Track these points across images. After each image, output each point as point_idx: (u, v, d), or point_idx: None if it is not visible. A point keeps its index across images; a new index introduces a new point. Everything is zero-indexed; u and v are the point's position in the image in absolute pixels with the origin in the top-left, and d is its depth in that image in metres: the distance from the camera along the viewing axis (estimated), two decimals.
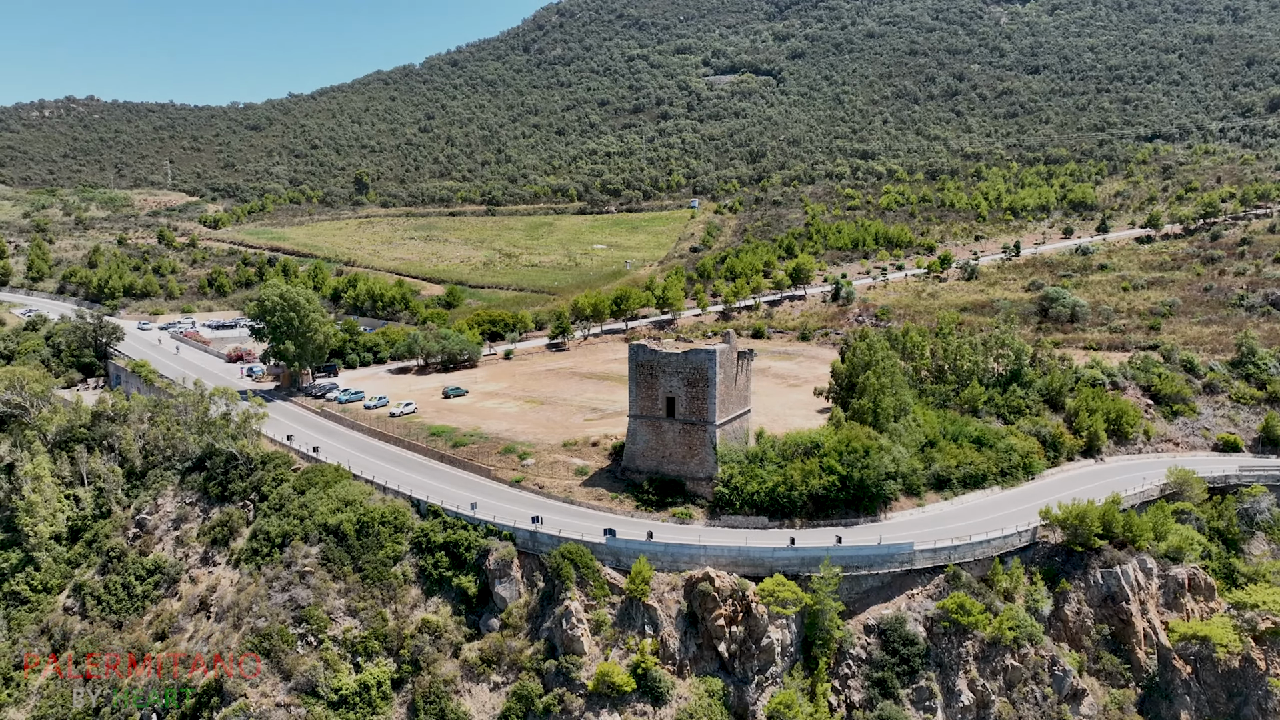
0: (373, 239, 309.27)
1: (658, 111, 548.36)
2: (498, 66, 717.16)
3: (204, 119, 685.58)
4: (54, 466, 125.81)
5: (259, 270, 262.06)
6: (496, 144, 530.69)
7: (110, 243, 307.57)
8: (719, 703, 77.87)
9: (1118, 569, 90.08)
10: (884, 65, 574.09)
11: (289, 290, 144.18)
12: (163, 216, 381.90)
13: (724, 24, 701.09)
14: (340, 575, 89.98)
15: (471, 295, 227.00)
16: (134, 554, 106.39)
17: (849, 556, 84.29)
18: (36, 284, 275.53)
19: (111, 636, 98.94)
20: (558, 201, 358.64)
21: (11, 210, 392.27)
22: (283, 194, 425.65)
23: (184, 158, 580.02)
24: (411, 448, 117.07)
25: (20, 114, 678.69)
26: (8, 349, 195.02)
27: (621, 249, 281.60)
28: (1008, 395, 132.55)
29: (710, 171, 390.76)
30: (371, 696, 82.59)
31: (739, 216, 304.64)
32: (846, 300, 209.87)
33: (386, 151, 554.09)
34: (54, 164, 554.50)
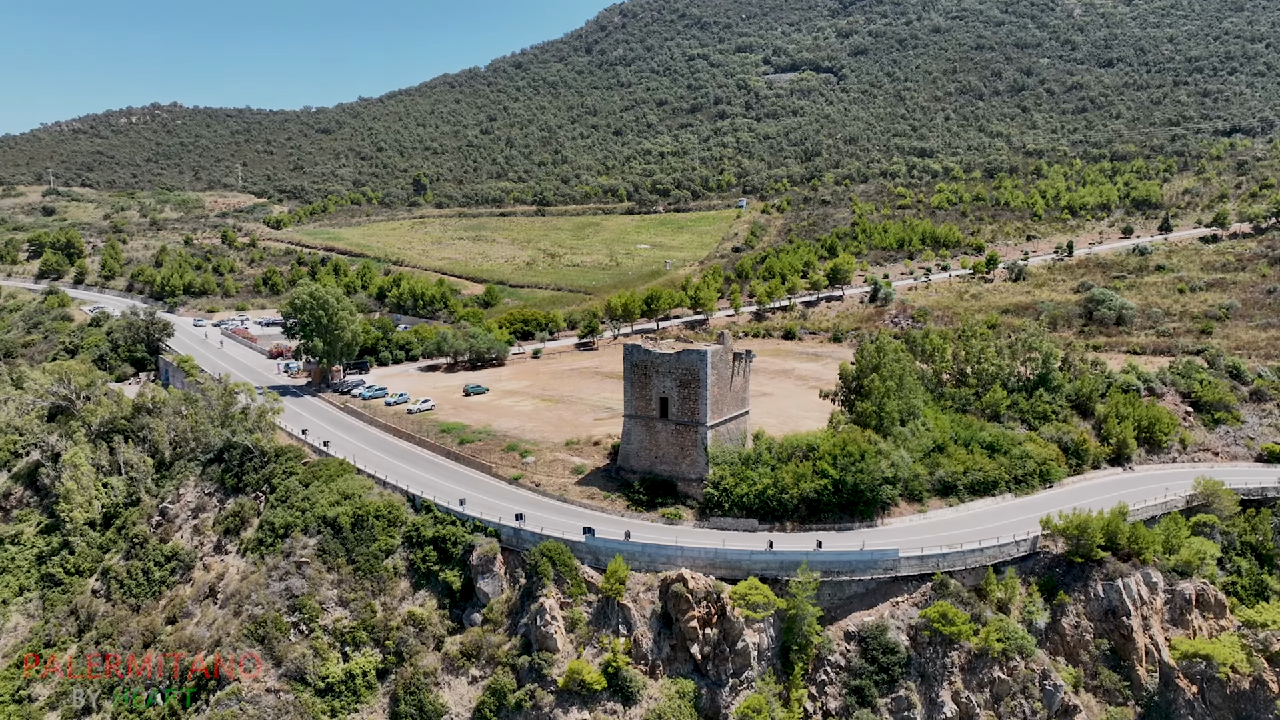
0: (423, 239, 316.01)
1: (715, 111, 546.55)
2: (560, 68, 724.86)
3: (278, 123, 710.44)
4: (94, 456, 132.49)
5: (312, 269, 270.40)
6: (554, 145, 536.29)
7: (177, 243, 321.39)
8: (689, 704, 77.66)
9: (1119, 582, 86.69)
10: (948, 61, 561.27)
11: (318, 289, 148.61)
12: (230, 217, 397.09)
13: (786, 21, 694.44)
14: (335, 566, 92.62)
15: (511, 294, 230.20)
16: (154, 541, 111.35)
17: (829, 562, 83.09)
18: (108, 282, 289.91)
19: (130, 619, 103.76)
20: (607, 202, 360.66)
21: (94, 212, 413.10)
22: (345, 195, 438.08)
23: (257, 161, 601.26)
24: (422, 444, 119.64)
25: (110, 121, 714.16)
26: (72, 344, 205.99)
27: (665, 249, 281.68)
28: (1033, 400, 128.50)
29: (762, 171, 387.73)
30: (356, 685, 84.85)
31: (785, 216, 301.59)
32: (884, 301, 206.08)
33: (448, 153, 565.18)
34: (138, 168, 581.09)
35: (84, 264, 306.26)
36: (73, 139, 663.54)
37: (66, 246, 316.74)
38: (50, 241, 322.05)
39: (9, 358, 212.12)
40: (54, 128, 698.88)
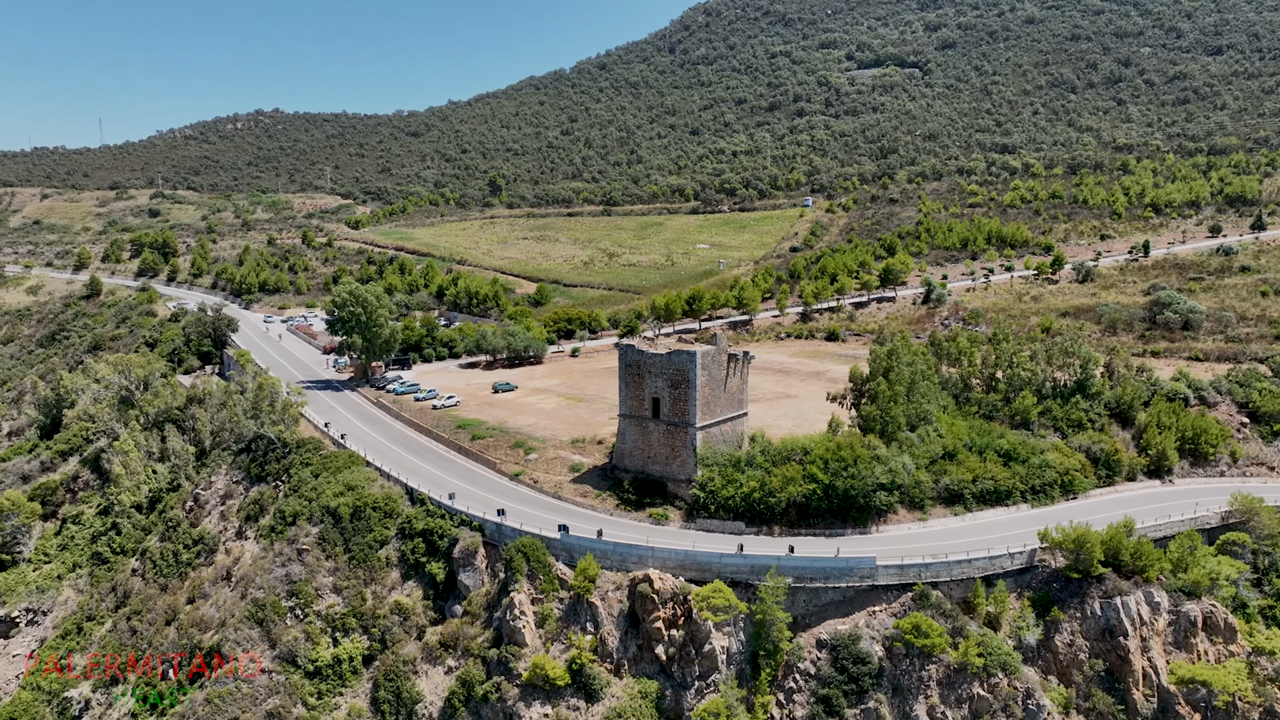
0: (489, 239, 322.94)
1: (794, 108, 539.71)
2: (643, 68, 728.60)
3: (370, 127, 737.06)
4: (146, 443, 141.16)
5: (380, 268, 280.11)
6: (631, 145, 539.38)
7: (261, 243, 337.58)
8: (651, 705, 77.70)
9: (1118, 600, 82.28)
10: (1041, 53, 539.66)
11: (357, 289, 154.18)
12: (315, 218, 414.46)
13: (873, 16, 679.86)
14: (333, 555, 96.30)
15: (563, 293, 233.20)
16: (185, 525, 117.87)
17: (801, 568, 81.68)
18: (196, 280, 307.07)
19: (158, 598, 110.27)
20: (673, 201, 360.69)
21: (194, 214, 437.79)
22: (424, 196, 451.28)
23: (349, 163, 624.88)
24: (437, 438, 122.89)
25: (218, 127, 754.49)
26: (152, 338, 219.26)
27: (724, 249, 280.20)
28: (1068, 408, 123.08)
29: (833, 169, 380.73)
30: (343, 670, 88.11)
31: (850, 215, 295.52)
32: (938, 302, 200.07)
33: (528, 154, 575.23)
34: (239, 171, 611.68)
35: (176, 263, 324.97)
36: (184, 144, 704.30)
37: (162, 246, 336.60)
38: (149, 242, 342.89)
39: (97, 350, 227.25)
40: (168, 134, 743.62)
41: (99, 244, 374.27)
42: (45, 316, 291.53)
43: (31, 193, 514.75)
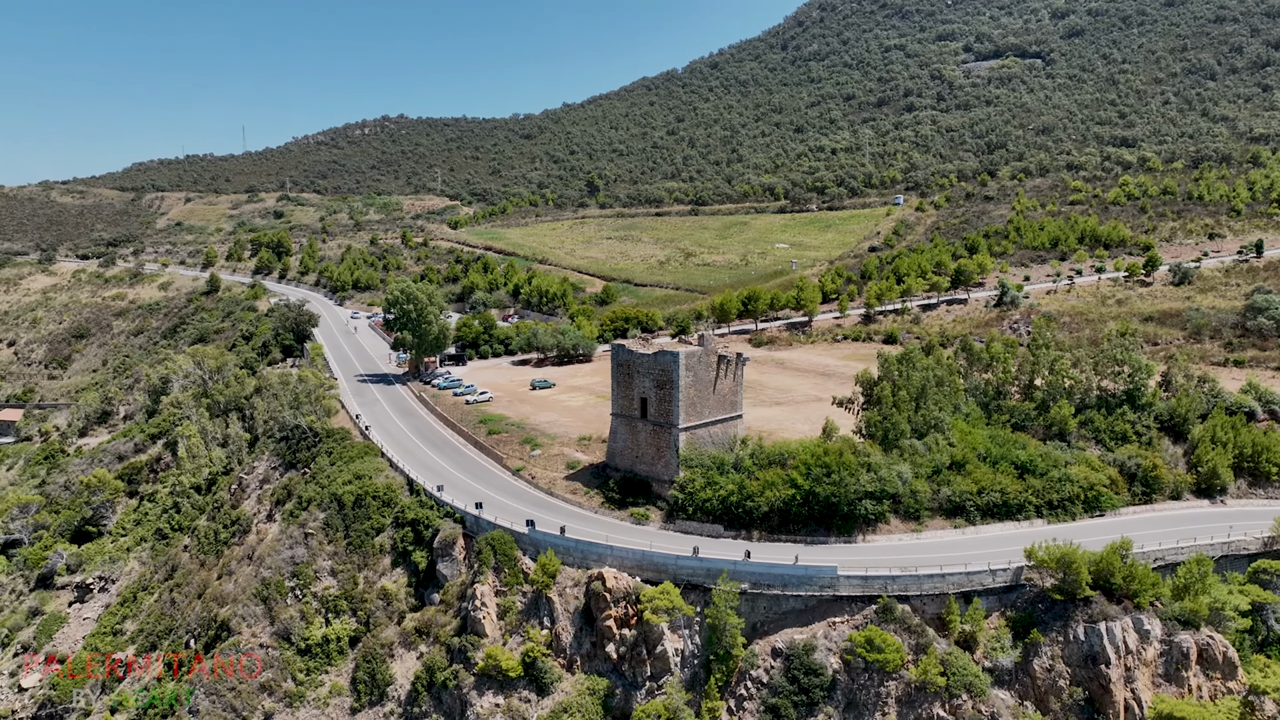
0: (575, 238, 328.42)
1: (903, 104, 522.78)
2: (754, 66, 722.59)
3: (486, 130, 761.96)
4: (211, 429, 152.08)
5: (465, 267, 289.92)
6: (733, 144, 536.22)
7: (364, 242, 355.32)
8: (598, 702, 78.26)
9: (1103, 625, 76.85)
10: (1179, 38, 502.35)
11: (409, 286, 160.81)
12: (422, 219, 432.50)
13: (995, 5, 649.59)
14: (333, 539, 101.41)
15: (630, 293, 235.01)
16: (228, 506, 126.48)
17: (759, 573, 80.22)
18: (303, 277, 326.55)
19: (196, 572, 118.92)
20: (762, 200, 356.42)
21: (312, 215, 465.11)
22: (525, 197, 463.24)
23: (463, 165, 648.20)
24: (459, 432, 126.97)
25: (347, 133, 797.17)
26: (248, 331, 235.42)
27: (803, 248, 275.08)
28: (1111, 419, 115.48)
29: (931, 165, 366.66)
30: (330, 650, 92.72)
31: (940, 213, 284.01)
32: (1011, 305, 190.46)
33: (632, 155, 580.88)
34: (362, 174, 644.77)
35: (288, 261, 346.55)
36: (315, 150, 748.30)
37: (277, 246, 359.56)
38: (266, 242, 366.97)
39: (202, 341, 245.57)
40: (303, 140, 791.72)
41: (226, 244, 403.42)
42: (170, 310, 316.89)
43: (178, 196, 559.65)
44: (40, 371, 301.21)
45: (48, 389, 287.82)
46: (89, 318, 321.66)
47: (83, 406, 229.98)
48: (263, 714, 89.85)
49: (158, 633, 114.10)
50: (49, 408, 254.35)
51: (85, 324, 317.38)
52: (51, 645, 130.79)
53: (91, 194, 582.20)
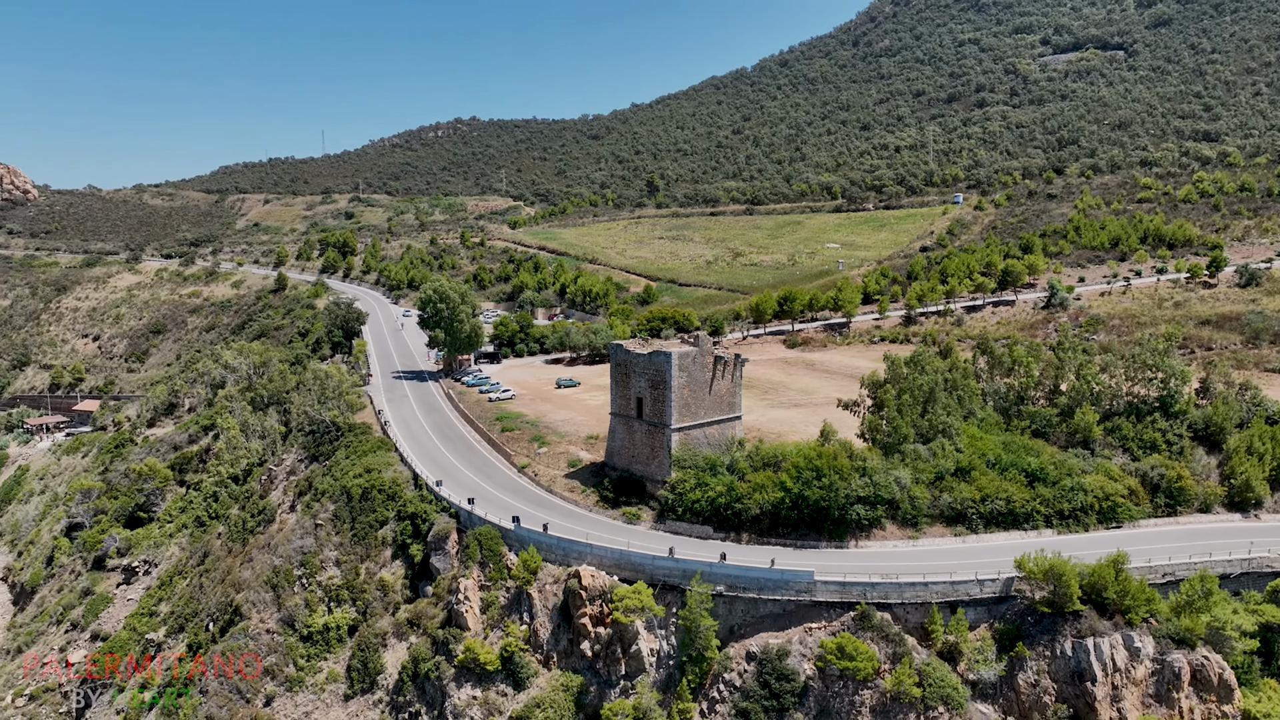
0: (627, 238, 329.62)
1: (974, 99, 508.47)
2: (823, 63, 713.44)
3: (555, 131, 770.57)
4: (253, 422, 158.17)
5: (517, 266, 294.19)
6: (797, 143, 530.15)
7: (425, 242, 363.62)
8: (571, 699, 78.89)
9: (1090, 641, 73.83)
10: (1276, 24, 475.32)
11: (441, 285, 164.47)
12: (484, 219, 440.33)
13: None
14: (340, 530, 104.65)
15: (672, 292, 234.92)
16: (256, 496, 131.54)
17: (734, 576, 79.61)
18: (365, 276, 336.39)
19: (224, 559, 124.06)
20: (818, 199, 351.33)
21: (381, 216, 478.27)
22: (586, 197, 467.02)
23: (531, 166, 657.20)
24: (476, 429, 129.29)
25: (421, 135, 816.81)
26: (304, 328, 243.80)
27: (855, 248, 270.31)
28: (1141, 427, 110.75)
29: (996, 163, 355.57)
30: (330, 637, 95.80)
31: (999, 212, 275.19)
32: (1060, 307, 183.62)
33: (696, 154, 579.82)
34: (433, 176, 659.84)
35: (352, 261, 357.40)
36: (390, 152, 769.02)
37: (343, 246, 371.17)
38: (333, 242, 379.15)
39: (263, 337, 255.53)
40: (379, 143, 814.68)
41: (298, 244, 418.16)
42: (240, 307, 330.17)
43: (257, 198, 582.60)
44: (120, 365, 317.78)
45: (126, 381, 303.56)
46: (166, 314, 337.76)
47: (151, 399, 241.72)
48: (265, 697, 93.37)
49: (185, 615, 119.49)
50: (123, 399, 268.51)
51: (162, 320, 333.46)
52: (97, 624, 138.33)
53: (180, 196, 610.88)
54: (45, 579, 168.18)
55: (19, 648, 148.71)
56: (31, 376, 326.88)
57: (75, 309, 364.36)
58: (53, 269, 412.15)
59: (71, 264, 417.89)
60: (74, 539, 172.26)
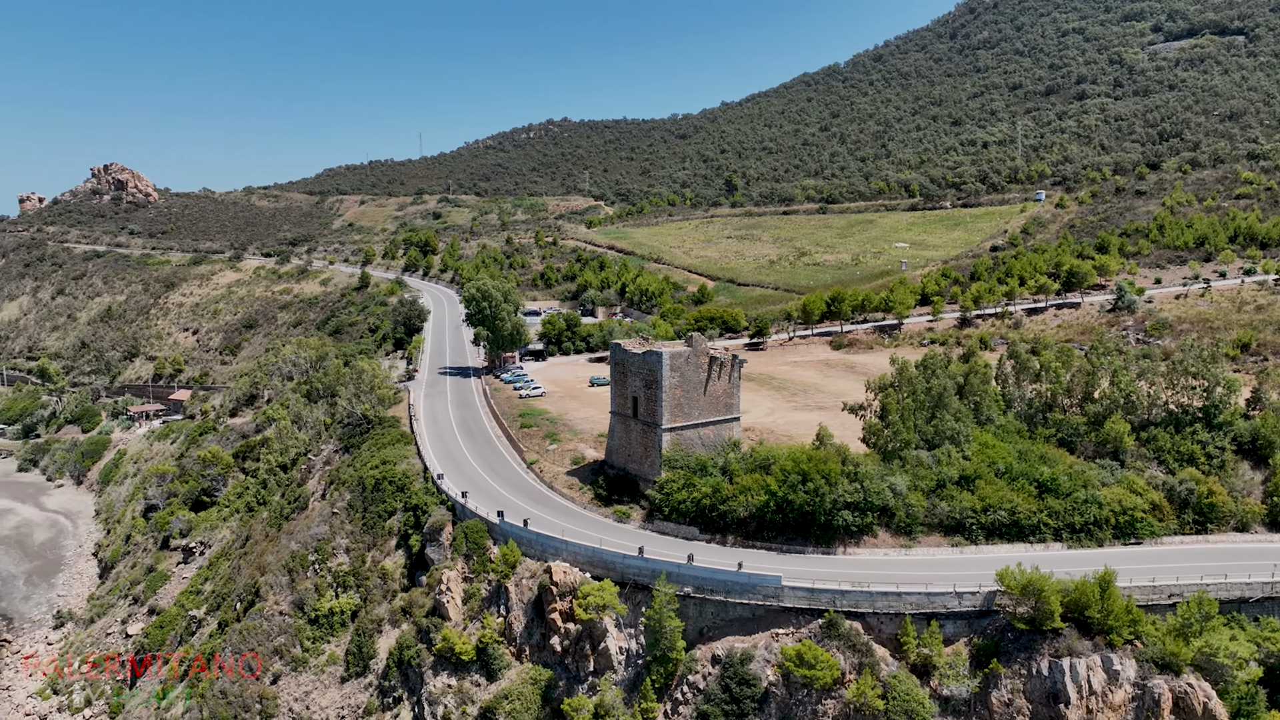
0: (696, 238, 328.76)
1: (1073, 91, 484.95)
2: (918, 57, 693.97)
3: (644, 131, 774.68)
4: (305, 413, 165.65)
5: (584, 265, 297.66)
6: (884, 139, 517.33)
7: (501, 242, 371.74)
8: (538, 692, 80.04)
9: (1066, 662, 70.27)
10: None
11: (485, 284, 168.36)
12: (564, 219, 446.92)
13: None
14: (353, 519, 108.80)
15: (729, 292, 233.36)
16: (295, 484, 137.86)
17: (701, 578, 79.08)
18: (442, 275, 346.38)
19: (261, 543, 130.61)
20: (894, 198, 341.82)
21: (465, 216, 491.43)
22: (664, 197, 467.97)
23: (617, 166, 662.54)
24: (499, 424, 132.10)
25: (513, 137, 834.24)
26: (374, 324, 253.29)
27: (924, 247, 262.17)
28: (1178, 438, 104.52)
29: (1086, 157, 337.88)
30: (333, 622, 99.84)
31: (1081, 210, 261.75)
32: (1128, 309, 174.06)
33: (781, 152, 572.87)
34: (522, 176, 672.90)
35: (431, 260, 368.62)
36: (483, 154, 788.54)
37: (424, 245, 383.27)
38: (416, 241, 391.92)
39: (338, 333, 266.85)
40: (473, 144, 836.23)
41: (385, 243, 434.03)
42: (326, 304, 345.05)
43: (354, 199, 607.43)
44: (215, 357, 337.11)
45: (219, 373, 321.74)
46: (258, 310, 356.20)
47: (235, 390, 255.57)
48: (272, 675, 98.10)
49: (222, 594, 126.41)
50: (211, 390, 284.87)
51: (254, 315, 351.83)
52: (155, 599, 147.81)
53: (284, 198, 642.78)
54: (122, 556, 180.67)
55: (91, 618, 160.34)
56: (138, 367, 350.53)
57: (180, 304, 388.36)
58: (164, 267, 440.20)
59: (181, 262, 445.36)
60: (149, 519, 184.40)
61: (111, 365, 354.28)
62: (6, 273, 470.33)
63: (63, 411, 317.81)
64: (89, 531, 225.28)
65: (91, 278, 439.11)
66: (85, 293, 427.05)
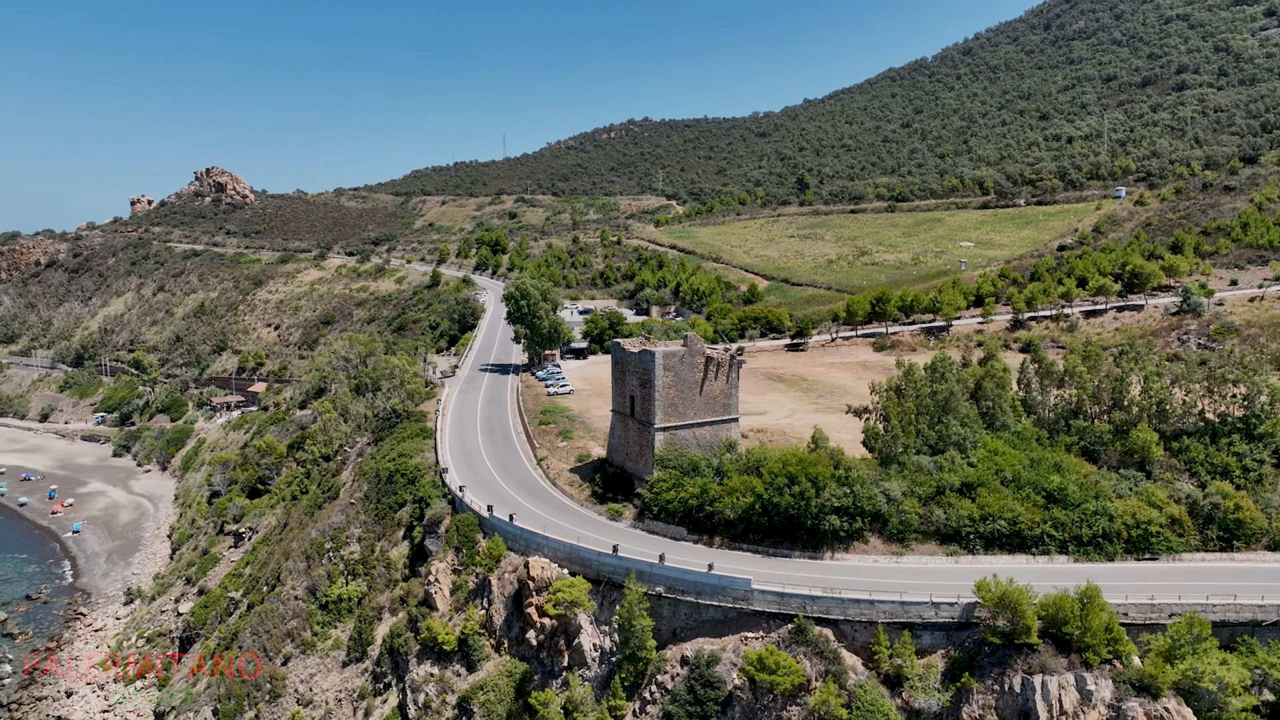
0: (759, 237, 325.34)
1: (1172, 82, 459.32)
2: (1009, 50, 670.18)
3: (724, 130, 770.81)
4: (353, 407, 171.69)
5: (643, 263, 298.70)
6: (966, 135, 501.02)
7: (568, 241, 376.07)
8: (513, 684, 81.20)
9: (1038, 679, 67.31)
10: None
11: (523, 283, 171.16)
12: (635, 218, 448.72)
13: None
14: (366, 510, 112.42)
15: (781, 292, 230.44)
16: (330, 474, 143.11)
17: (673, 578, 78.78)
18: (509, 273, 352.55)
19: (295, 530, 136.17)
20: (966, 195, 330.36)
21: (540, 216, 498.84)
22: (735, 195, 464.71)
23: (694, 165, 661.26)
24: (522, 420, 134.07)
25: (595, 137, 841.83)
26: (434, 321, 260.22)
27: (989, 247, 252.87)
28: (1211, 449, 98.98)
29: (1178, 151, 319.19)
30: (340, 608, 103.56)
31: (1162, 206, 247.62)
32: (1194, 312, 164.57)
33: (860, 150, 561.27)
34: (600, 176, 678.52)
35: (500, 259, 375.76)
36: (564, 154, 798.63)
37: (495, 244, 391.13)
38: (486, 241, 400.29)
39: (402, 330, 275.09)
40: (555, 145, 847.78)
41: (460, 242, 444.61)
42: (399, 302, 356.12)
43: (436, 200, 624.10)
44: (294, 352, 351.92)
45: (296, 367, 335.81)
46: (336, 307, 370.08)
47: (305, 383, 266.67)
48: (283, 656, 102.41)
49: (256, 578, 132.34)
50: (285, 383, 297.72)
51: (332, 312, 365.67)
52: (204, 580, 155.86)
53: (372, 199, 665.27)
54: (187, 538, 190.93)
55: (153, 596, 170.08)
56: (225, 360, 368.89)
57: (266, 301, 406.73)
58: (254, 265, 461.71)
59: (270, 260, 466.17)
60: (211, 504, 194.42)
61: (201, 358, 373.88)
62: (115, 270, 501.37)
63: (155, 401, 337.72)
64: (166, 515, 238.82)
65: (189, 275, 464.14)
66: (183, 289, 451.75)
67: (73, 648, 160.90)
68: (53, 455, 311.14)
